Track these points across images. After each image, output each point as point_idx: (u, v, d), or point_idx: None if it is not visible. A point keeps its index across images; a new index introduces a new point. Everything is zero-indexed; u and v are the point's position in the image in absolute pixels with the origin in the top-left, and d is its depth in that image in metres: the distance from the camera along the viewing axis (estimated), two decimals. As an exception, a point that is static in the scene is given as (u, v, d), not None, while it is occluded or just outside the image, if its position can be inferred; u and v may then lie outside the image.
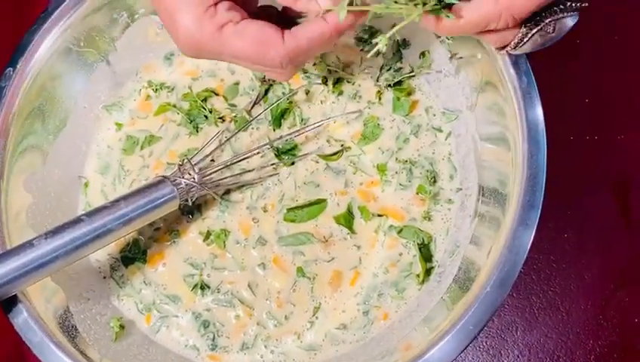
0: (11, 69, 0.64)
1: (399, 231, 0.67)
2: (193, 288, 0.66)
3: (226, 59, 0.53)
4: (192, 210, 0.69)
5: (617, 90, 0.78)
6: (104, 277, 0.68)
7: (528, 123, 0.58)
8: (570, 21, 0.51)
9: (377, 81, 0.73)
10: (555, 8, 0.50)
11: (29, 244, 0.55)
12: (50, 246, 0.56)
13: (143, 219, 0.61)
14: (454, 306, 0.56)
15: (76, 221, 0.58)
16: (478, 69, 0.64)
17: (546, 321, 0.70)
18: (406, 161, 0.69)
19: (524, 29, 0.51)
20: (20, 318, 0.56)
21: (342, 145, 0.71)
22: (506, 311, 0.71)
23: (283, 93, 0.73)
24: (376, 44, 0.49)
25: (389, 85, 0.72)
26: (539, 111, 0.58)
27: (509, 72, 0.59)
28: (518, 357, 0.69)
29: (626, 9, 0.82)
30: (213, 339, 0.65)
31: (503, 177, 0.60)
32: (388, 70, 0.73)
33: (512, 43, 0.53)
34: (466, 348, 0.53)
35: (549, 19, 0.50)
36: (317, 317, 0.65)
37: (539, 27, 0.51)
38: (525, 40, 0.52)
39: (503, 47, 0.55)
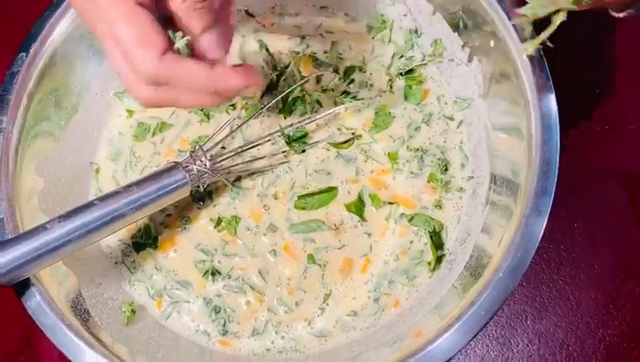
0: (24, 54, 0.65)
1: (410, 219, 0.67)
2: (204, 274, 0.67)
3: (100, 33, 0.48)
4: (203, 196, 0.69)
5: (629, 80, 0.78)
6: (115, 263, 0.68)
7: (541, 109, 0.57)
8: None
9: (389, 69, 0.73)
10: None
11: (42, 228, 0.55)
12: (63, 230, 0.56)
13: (155, 205, 0.62)
14: (465, 293, 0.56)
15: (89, 205, 0.58)
16: (490, 57, 0.64)
17: (556, 310, 0.70)
18: (417, 150, 0.69)
19: None
20: (33, 301, 0.56)
21: (353, 134, 0.71)
22: (516, 300, 0.70)
23: (294, 82, 0.73)
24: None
25: (401, 74, 0.72)
26: (552, 98, 0.57)
27: (523, 60, 0.59)
28: (528, 345, 0.69)
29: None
30: (224, 325, 0.65)
31: (516, 167, 0.60)
32: (399, 58, 0.73)
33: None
34: (476, 335, 0.53)
35: None
36: (327, 304, 0.65)
37: None
38: None
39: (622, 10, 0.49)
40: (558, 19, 0.49)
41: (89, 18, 0.49)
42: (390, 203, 0.68)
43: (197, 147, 0.66)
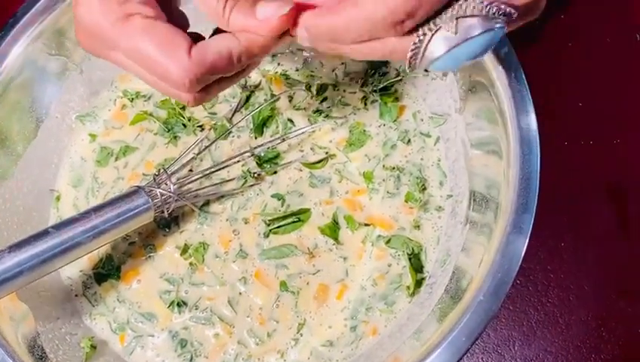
0: (-23, 78, 0.62)
1: (387, 241, 0.63)
2: (170, 305, 0.63)
3: (118, 60, 0.46)
4: (168, 223, 0.66)
5: (612, 94, 0.76)
6: (76, 295, 0.64)
7: (519, 122, 0.55)
8: (475, 23, 0.41)
9: (362, 86, 0.70)
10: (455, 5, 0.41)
11: (-10, 258, 0.52)
12: (13, 261, 0.52)
13: (115, 232, 0.58)
14: (446, 318, 0.53)
15: (43, 234, 0.54)
16: (465, 69, 0.62)
17: (545, 335, 0.66)
18: (394, 168, 0.66)
19: (420, 32, 0.42)
20: (-20, 339, 0.52)
21: (326, 153, 0.68)
22: (503, 325, 0.67)
23: (265, 100, 0.70)
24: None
25: (375, 90, 0.69)
26: (530, 110, 0.55)
27: (498, 70, 0.57)
28: (517, 373, 0.65)
29: (615, 14, 0.80)
30: (191, 360, 0.61)
31: (495, 183, 0.57)
32: (373, 75, 0.70)
33: (409, 53, 0.42)
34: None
35: (448, 17, 0.41)
36: (302, 334, 0.61)
37: (437, 28, 0.41)
38: (423, 47, 0.42)
39: (409, 64, 0.44)
40: None
41: (101, 53, 0.47)
42: (366, 224, 0.64)
43: (161, 170, 0.63)
